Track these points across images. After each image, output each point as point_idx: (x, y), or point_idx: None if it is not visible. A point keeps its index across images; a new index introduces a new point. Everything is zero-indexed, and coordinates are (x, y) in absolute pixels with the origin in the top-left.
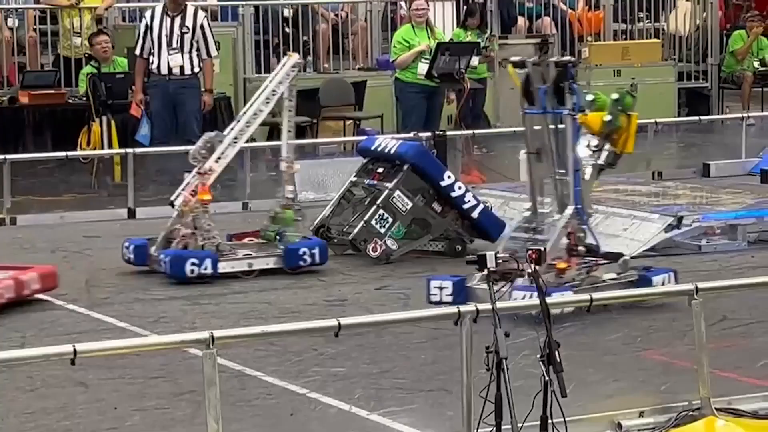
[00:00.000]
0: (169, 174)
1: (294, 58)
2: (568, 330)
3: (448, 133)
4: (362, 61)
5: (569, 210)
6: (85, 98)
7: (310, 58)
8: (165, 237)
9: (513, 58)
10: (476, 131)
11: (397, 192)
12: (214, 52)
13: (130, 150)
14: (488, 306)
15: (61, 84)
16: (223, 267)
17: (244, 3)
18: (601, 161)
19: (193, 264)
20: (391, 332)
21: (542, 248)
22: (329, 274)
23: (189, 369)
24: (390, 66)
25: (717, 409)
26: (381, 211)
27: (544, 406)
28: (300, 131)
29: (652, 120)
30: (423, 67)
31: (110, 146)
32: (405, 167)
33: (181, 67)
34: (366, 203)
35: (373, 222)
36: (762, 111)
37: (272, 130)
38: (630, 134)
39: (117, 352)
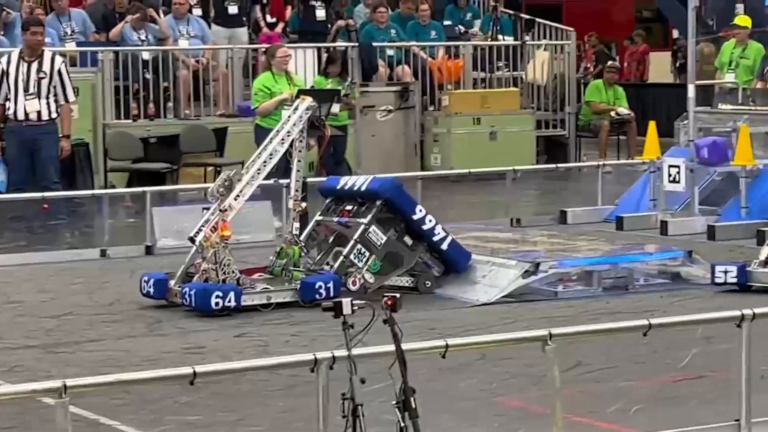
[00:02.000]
0: (24, 220)
1: (307, 101)
2: (423, 376)
3: (309, 180)
4: (223, 107)
5: None
6: None
7: (170, 104)
8: (184, 271)
9: None
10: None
11: (373, 227)
12: (71, 97)
13: None
14: (344, 353)
15: None
16: (244, 300)
17: (103, 48)
18: None
19: (218, 297)
20: (248, 380)
21: (398, 295)
22: (188, 322)
23: (43, 419)
24: (251, 112)
25: None
26: (359, 246)
27: None
28: (160, 177)
29: (511, 167)
30: (285, 114)
31: None
32: (378, 202)
33: (38, 113)
34: (330, 241)
35: (351, 257)
36: (618, 159)
37: (132, 176)
38: None
39: None
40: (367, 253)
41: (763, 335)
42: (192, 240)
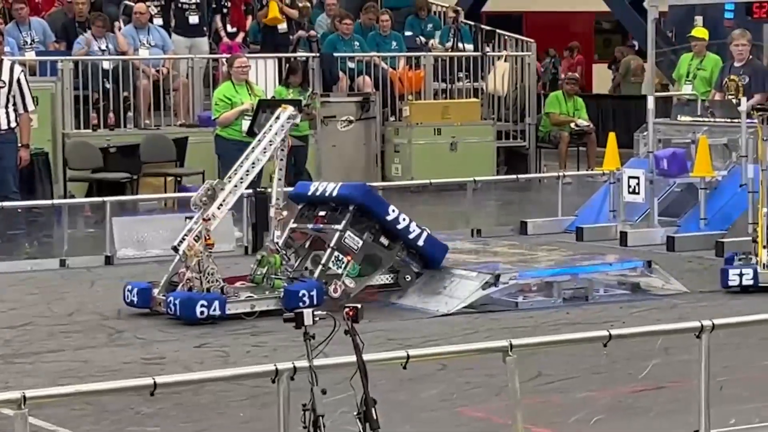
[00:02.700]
0: None
1: (289, 110)
2: (384, 387)
3: (270, 190)
4: (184, 117)
5: None
6: None
7: (130, 113)
8: (168, 280)
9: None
10: None
11: (348, 232)
12: (31, 106)
13: None
14: (306, 364)
15: None
16: (229, 309)
17: (63, 58)
18: None
19: (202, 306)
20: (209, 390)
21: (359, 306)
22: (148, 332)
23: (2, 430)
24: (212, 122)
25: None
26: (336, 253)
27: None
28: (119, 187)
29: (471, 178)
30: (245, 124)
31: None
32: (351, 208)
33: None
34: (307, 246)
35: (330, 264)
36: (578, 170)
37: (91, 185)
38: None
39: None
40: (345, 259)
41: (722, 346)
42: (175, 249)
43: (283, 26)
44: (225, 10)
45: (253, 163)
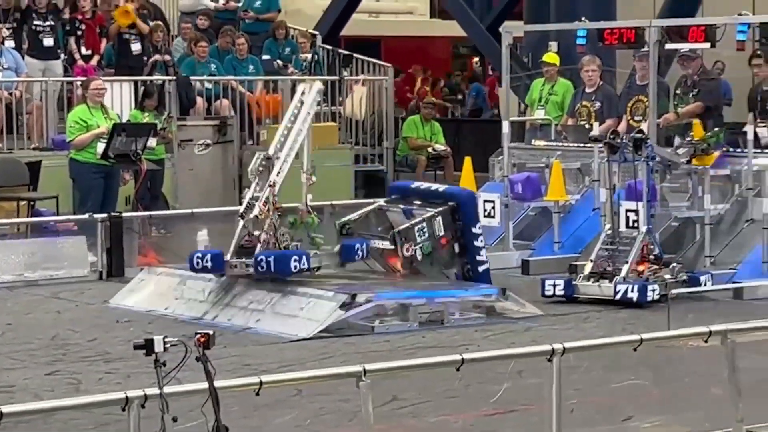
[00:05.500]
0: None
1: (318, 84)
2: (237, 413)
3: (125, 214)
4: (37, 140)
5: (644, 228)
6: None
7: None
8: (237, 245)
9: (594, 134)
10: (153, 212)
11: (439, 218)
12: None
13: None
14: (156, 391)
15: None
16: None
17: None
18: None
19: (295, 261)
20: (58, 419)
21: (211, 332)
22: None
23: None
24: (66, 146)
25: None
26: (423, 224)
27: None
28: None
29: (329, 202)
30: (101, 147)
31: None
32: (450, 203)
33: None
34: (377, 219)
35: (415, 230)
36: None
37: None
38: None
39: None
40: (426, 234)
41: (573, 369)
42: (242, 216)
43: (136, 48)
44: (79, 33)
45: (297, 134)
